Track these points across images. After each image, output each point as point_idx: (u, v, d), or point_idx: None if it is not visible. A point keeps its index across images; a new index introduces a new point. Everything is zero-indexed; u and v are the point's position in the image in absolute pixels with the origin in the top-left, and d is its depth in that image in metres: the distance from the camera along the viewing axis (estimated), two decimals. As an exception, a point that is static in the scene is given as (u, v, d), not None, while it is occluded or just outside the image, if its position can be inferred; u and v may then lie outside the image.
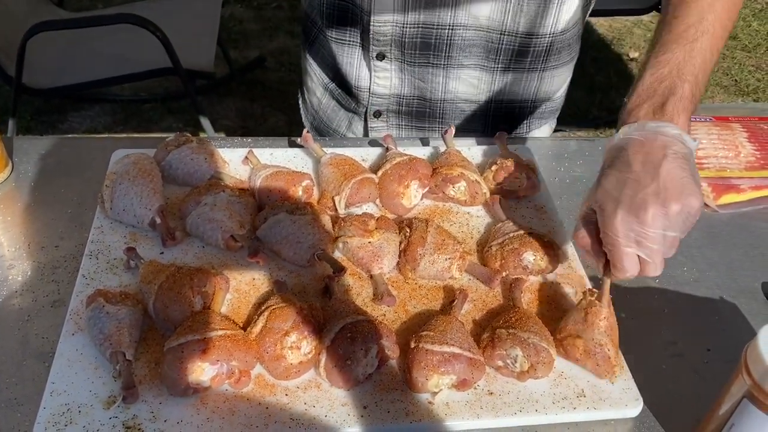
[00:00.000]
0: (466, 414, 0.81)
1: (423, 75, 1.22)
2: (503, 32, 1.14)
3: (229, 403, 0.79)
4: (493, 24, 1.13)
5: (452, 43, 1.16)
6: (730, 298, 1.01)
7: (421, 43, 1.17)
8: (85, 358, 0.82)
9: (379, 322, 0.85)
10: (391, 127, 1.31)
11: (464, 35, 1.15)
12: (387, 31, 1.16)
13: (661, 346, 0.94)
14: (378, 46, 1.19)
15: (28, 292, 0.92)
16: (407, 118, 1.30)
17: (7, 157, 1.10)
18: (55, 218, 1.03)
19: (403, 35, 1.16)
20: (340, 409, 0.80)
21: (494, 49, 1.17)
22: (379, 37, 1.17)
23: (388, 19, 1.14)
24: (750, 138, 1.22)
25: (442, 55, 1.18)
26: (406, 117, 1.30)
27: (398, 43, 1.18)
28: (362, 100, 1.29)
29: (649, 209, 0.77)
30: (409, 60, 1.20)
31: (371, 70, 1.23)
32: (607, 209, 0.80)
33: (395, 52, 1.20)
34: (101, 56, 2.57)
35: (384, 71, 1.23)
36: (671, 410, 0.85)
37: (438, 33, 1.15)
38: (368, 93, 1.27)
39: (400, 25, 1.15)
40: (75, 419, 0.76)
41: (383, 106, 1.28)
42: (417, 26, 1.15)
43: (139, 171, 0.99)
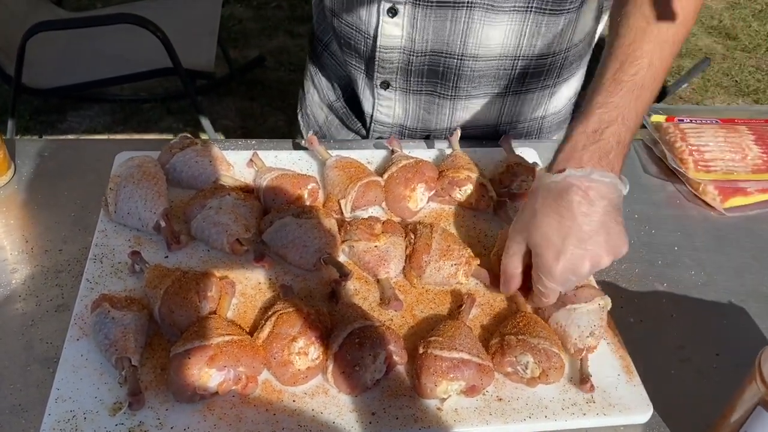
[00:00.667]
0: (475, 420, 0.80)
1: (429, 106, 1.18)
2: (517, 57, 1.10)
3: (236, 409, 0.79)
4: (507, 50, 1.09)
5: (461, 74, 1.12)
6: (738, 302, 1.00)
7: (429, 71, 1.12)
8: (90, 363, 0.81)
9: (387, 327, 0.84)
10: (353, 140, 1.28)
11: (473, 66, 1.10)
12: (393, 58, 1.11)
13: (670, 350, 0.93)
14: (383, 74, 1.14)
15: (32, 297, 0.91)
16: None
17: (10, 160, 1.09)
18: (58, 221, 1.02)
19: (409, 63, 1.12)
20: (348, 415, 0.79)
21: (506, 76, 1.13)
22: (385, 65, 1.13)
23: (395, 45, 1.10)
24: (757, 140, 1.22)
25: (450, 85, 1.14)
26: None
27: (404, 71, 1.13)
28: (365, 124, 1.26)
29: (587, 264, 0.83)
30: (415, 89, 1.16)
31: (375, 98, 1.19)
32: (548, 256, 0.84)
33: (400, 81, 1.15)
34: (101, 56, 2.56)
35: (388, 100, 1.19)
36: (680, 416, 0.85)
37: (446, 62, 1.10)
38: (371, 119, 1.23)
39: (407, 53, 1.10)
40: (80, 426, 0.75)
41: (386, 134, 1.24)
42: (425, 54, 1.10)
43: (143, 174, 0.98)
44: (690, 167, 1.17)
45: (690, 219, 1.13)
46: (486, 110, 1.19)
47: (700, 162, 1.18)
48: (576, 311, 0.87)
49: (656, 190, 1.18)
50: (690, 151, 1.19)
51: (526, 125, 1.25)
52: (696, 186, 1.16)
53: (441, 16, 1.05)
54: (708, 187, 1.15)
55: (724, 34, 4.07)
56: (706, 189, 1.15)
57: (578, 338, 0.86)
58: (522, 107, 1.21)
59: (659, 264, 1.05)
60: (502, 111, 1.20)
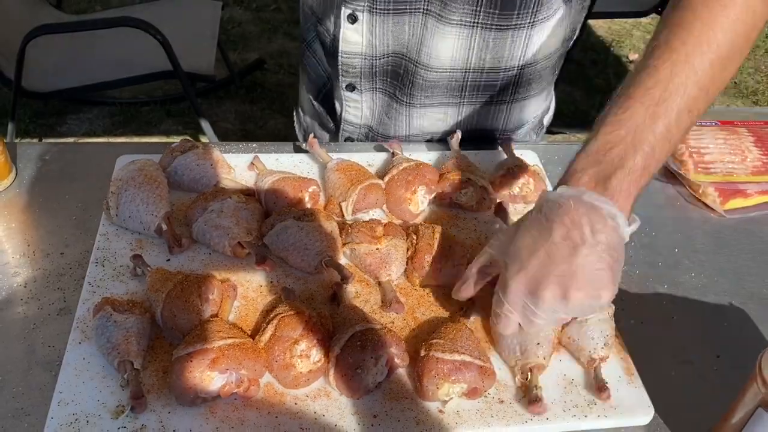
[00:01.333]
0: (477, 422, 0.80)
1: (388, 110, 1.19)
2: (467, 70, 1.10)
3: (239, 412, 0.79)
4: (456, 63, 1.09)
5: (415, 82, 1.12)
6: (738, 304, 1.00)
7: (391, 72, 1.13)
8: (92, 367, 0.81)
9: (389, 330, 0.84)
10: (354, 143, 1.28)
11: (426, 76, 1.10)
12: (355, 63, 1.12)
13: (670, 352, 0.93)
14: (347, 78, 1.15)
15: (34, 300, 0.91)
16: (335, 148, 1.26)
17: (11, 163, 1.09)
18: (59, 225, 1.02)
19: (372, 67, 1.12)
20: (349, 417, 0.79)
21: (458, 87, 1.13)
22: (348, 69, 1.13)
23: (356, 51, 1.10)
24: (756, 142, 1.22)
25: (406, 92, 1.14)
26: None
27: (367, 74, 1.14)
28: (337, 125, 1.27)
29: (547, 291, 0.73)
30: (380, 88, 1.16)
31: (343, 99, 1.20)
32: (511, 270, 0.76)
33: (365, 84, 1.16)
34: (101, 59, 2.56)
35: (355, 102, 1.20)
36: (681, 418, 0.85)
37: (406, 65, 1.11)
38: (341, 119, 1.24)
39: (368, 58, 1.11)
40: (83, 429, 0.75)
41: (354, 134, 1.25)
42: (387, 56, 1.11)
43: (144, 177, 0.98)
44: (690, 169, 1.17)
45: (690, 221, 1.14)
46: (441, 121, 1.19)
47: (700, 164, 1.18)
48: (587, 322, 0.87)
49: (656, 192, 1.19)
50: (690, 153, 1.19)
51: (488, 135, 1.24)
52: (696, 188, 1.16)
53: (399, 21, 1.05)
54: (708, 188, 1.15)
55: (722, 36, 4.07)
56: (706, 191, 1.15)
57: (593, 350, 0.86)
58: (478, 120, 1.20)
59: (660, 266, 1.05)
60: (458, 122, 1.20)
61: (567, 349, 0.88)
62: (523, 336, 0.85)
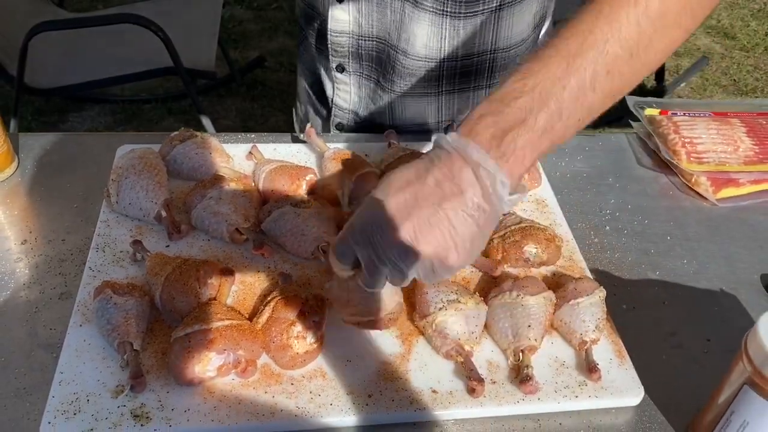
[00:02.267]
0: (470, 402, 0.81)
1: (374, 95, 1.20)
2: (442, 59, 1.11)
3: (236, 392, 0.80)
4: (430, 52, 1.10)
5: (395, 68, 1.13)
6: (729, 290, 1.02)
7: (376, 57, 1.14)
8: (92, 348, 0.83)
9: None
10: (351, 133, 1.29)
11: (404, 62, 1.12)
12: (344, 42, 1.14)
13: (662, 336, 0.95)
14: (336, 57, 1.16)
15: (36, 285, 0.93)
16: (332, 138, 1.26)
17: (13, 153, 1.11)
18: (61, 212, 1.03)
19: (359, 47, 1.14)
20: (344, 397, 0.81)
21: (434, 77, 1.14)
22: (337, 48, 1.15)
23: (344, 29, 1.12)
24: (748, 133, 1.24)
25: (388, 77, 1.15)
26: (363, 131, 1.28)
27: (355, 55, 1.15)
28: (329, 110, 1.28)
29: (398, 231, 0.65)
30: (366, 74, 1.18)
31: (333, 81, 1.21)
32: (374, 196, 0.68)
33: (354, 65, 1.17)
34: (102, 56, 2.58)
35: (344, 84, 1.21)
36: (671, 399, 0.86)
37: (387, 51, 1.12)
38: (332, 104, 1.25)
39: (356, 37, 1.12)
40: (83, 408, 0.77)
41: (344, 119, 1.27)
42: (372, 40, 1.12)
43: (144, 165, 1.00)
44: (683, 159, 1.19)
45: (683, 209, 1.15)
46: (422, 109, 1.20)
47: (692, 154, 1.19)
48: (579, 305, 0.88)
49: (650, 182, 1.20)
50: (683, 143, 1.20)
51: None
52: (689, 177, 1.18)
53: (381, 3, 1.07)
54: (700, 178, 1.16)
55: (722, 34, 4.08)
56: (698, 180, 1.17)
57: (584, 333, 0.87)
58: (458, 106, 1.21)
59: (652, 253, 1.06)
60: (439, 110, 1.20)
61: (559, 332, 0.90)
62: (514, 319, 0.86)
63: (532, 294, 0.88)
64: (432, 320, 0.86)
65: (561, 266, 1.00)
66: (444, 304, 0.86)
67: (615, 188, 1.18)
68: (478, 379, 0.81)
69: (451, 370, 0.85)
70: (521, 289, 0.89)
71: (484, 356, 0.87)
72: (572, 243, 1.03)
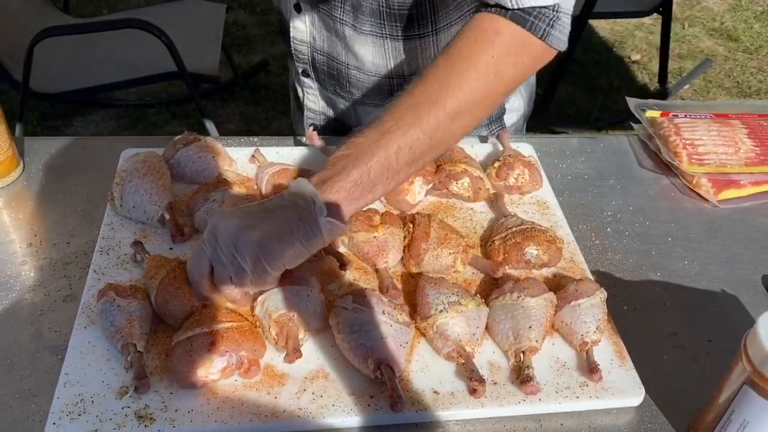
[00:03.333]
0: (471, 403, 0.82)
1: (335, 103, 1.23)
2: (391, 77, 1.13)
3: (239, 393, 0.81)
4: (379, 69, 1.12)
5: (350, 81, 1.16)
6: (731, 291, 1.02)
7: (328, 71, 1.17)
8: (97, 350, 0.84)
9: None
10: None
11: (357, 76, 1.14)
12: (304, 50, 1.17)
13: (663, 337, 0.95)
14: (300, 64, 1.20)
15: (41, 288, 0.94)
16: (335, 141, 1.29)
17: (18, 157, 1.12)
18: (65, 216, 1.04)
19: (314, 59, 1.17)
20: (346, 398, 0.81)
21: (388, 92, 1.15)
22: (299, 55, 1.18)
23: (303, 39, 1.15)
24: (749, 134, 1.24)
25: (345, 88, 1.18)
26: (335, 134, 1.29)
27: (312, 65, 1.19)
28: (302, 113, 1.30)
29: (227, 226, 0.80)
30: (325, 82, 1.20)
31: (302, 86, 1.25)
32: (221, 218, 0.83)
33: (314, 73, 1.20)
34: (107, 61, 2.59)
35: (310, 88, 1.24)
36: (673, 399, 0.87)
37: (338, 67, 1.15)
38: (305, 108, 1.28)
39: (312, 48, 1.16)
40: (88, 409, 0.78)
41: (317, 120, 1.29)
42: (323, 54, 1.15)
43: (148, 169, 1.01)
44: (684, 160, 1.19)
45: (684, 211, 1.15)
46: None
47: (693, 155, 1.20)
48: (580, 307, 0.89)
49: (651, 183, 1.21)
50: (684, 145, 1.21)
51: None
52: (690, 179, 1.18)
53: (327, 24, 1.10)
54: (701, 179, 1.17)
55: (725, 36, 4.08)
56: (699, 182, 1.17)
57: (585, 333, 0.88)
58: None
59: (653, 254, 1.07)
60: None
61: (560, 333, 0.90)
62: (515, 320, 0.87)
63: (533, 295, 0.89)
64: (433, 322, 0.86)
65: (562, 268, 1.00)
66: (445, 306, 0.87)
67: (616, 190, 1.18)
68: (479, 379, 0.82)
69: (453, 371, 0.85)
70: (522, 290, 0.89)
71: (486, 357, 0.87)
72: (573, 245, 1.04)
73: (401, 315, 0.87)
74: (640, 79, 3.63)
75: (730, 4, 4.40)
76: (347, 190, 0.83)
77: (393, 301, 0.89)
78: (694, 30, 4.12)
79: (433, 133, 0.86)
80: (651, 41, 3.90)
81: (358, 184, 0.84)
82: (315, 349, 0.87)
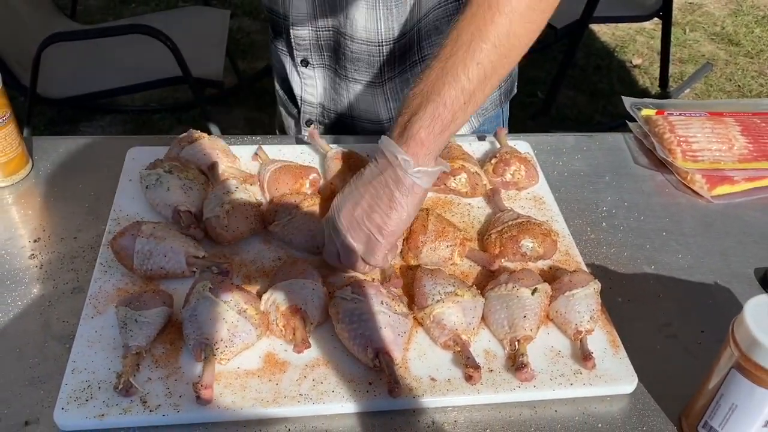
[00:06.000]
0: (467, 390, 0.84)
1: (334, 85, 1.24)
2: (380, 42, 1.15)
3: (241, 380, 0.83)
4: (370, 35, 1.13)
5: (345, 54, 1.17)
6: (724, 283, 1.04)
7: (333, 46, 1.18)
8: (103, 338, 0.86)
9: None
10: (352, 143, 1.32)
11: (352, 47, 1.16)
12: (305, 34, 1.18)
13: (656, 328, 0.97)
14: (300, 51, 1.21)
15: (49, 280, 0.96)
16: (331, 131, 1.32)
17: (28, 156, 1.15)
18: (73, 212, 1.07)
19: (318, 39, 1.18)
20: (346, 385, 0.83)
21: (376, 62, 1.17)
22: (300, 41, 1.19)
23: (304, 21, 1.16)
24: (743, 131, 1.26)
25: (341, 64, 1.19)
26: (330, 130, 1.32)
27: (316, 47, 1.20)
28: (297, 107, 1.32)
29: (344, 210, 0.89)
30: (328, 65, 1.22)
31: (300, 77, 1.26)
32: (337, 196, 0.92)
33: (316, 58, 1.21)
34: (113, 66, 2.63)
35: (310, 79, 1.25)
36: (665, 387, 0.89)
37: (338, 39, 1.16)
38: (300, 100, 1.29)
39: (314, 29, 1.17)
40: (95, 395, 0.80)
41: (313, 115, 1.31)
42: (327, 29, 1.16)
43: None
44: (678, 157, 1.21)
45: (678, 206, 1.18)
46: (373, 101, 1.24)
47: (688, 152, 1.22)
48: (574, 297, 0.91)
49: (646, 180, 1.23)
50: (678, 142, 1.23)
51: None
52: (684, 175, 1.20)
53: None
54: (696, 176, 1.19)
55: (726, 41, 4.11)
56: (693, 178, 1.19)
57: (579, 323, 0.90)
58: (402, 95, 1.23)
59: (648, 248, 1.09)
60: (387, 102, 1.24)
61: (554, 323, 0.93)
62: (510, 310, 0.89)
63: (528, 286, 0.91)
64: (430, 312, 0.88)
65: (558, 261, 1.02)
66: (442, 296, 0.89)
67: (611, 186, 1.20)
68: (474, 366, 0.84)
69: (449, 360, 0.87)
70: (517, 281, 0.91)
71: (482, 346, 0.89)
72: (569, 239, 1.06)
73: (399, 305, 0.89)
74: (642, 84, 3.66)
75: (731, 9, 4.43)
76: (428, 128, 0.84)
77: (391, 291, 0.91)
78: (695, 34, 4.14)
79: (498, 41, 0.85)
80: (652, 46, 3.92)
81: (436, 117, 0.84)
82: (315, 338, 0.89)
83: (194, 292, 0.86)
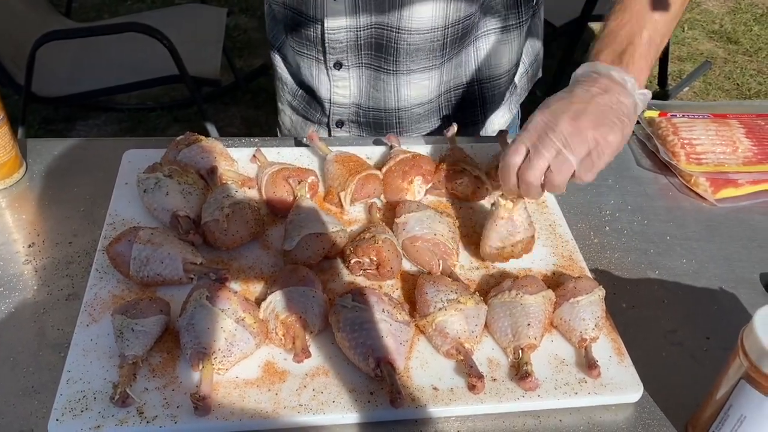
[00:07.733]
0: (470, 399, 0.83)
1: (376, 83, 1.22)
2: (447, 26, 1.14)
3: (239, 389, 0.82)
4: (437, 23, 1.13)
5: (399, 48, 1.15)
6: (729, 289, 1.03)
7: (375, 44, 1.17)
8: (99, 347, 0.84)
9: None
10: (353, 137, 1.31)
11: (409, 40, 1.14)
12: (341, 37, 1.16)
13: (661, 334, 0.95)
14: (334, 55, 1.19)
15: (44, 287, 0.94)
16: (367, 129, 1.30)
17: (22, 158, 1.13)
18: (68, 216, 1.05)
19: (357, 39, 1.16)
20: (347, 395, 0.82)
21: (438, 47, 1.16)
22: (335, 45, 1.17)
23: (341, 24, 1.14)
24: (747, 134, 1.25)
25: (392, 59, 1.18)
26: (366, 127, 1.30)
27: (354, 47, 1.18)
28: (325, 110, 1.30)
29: (561, 121, 0.86)
30: (366, 63, 1.20)
31: (330, 81, 1.24)
32: (536, 111, 0.90)
33: (351, 59, 1.20)
34: (109, 65, 2.61)
35: (343, 80, 1.23)
36: (671, 396, 0.87)
37: (388, 35, 1.14)
38: (330, 103, 1.28)
39: (354, 30, 1.15)
40: (90, 405, 0.78)
41: (344, 115, 1.29)
42: (370, 27, 1.14)
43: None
44: (682, 160, 1.20)
45: (682, 210, 1.16)
46: (428, 83, 1.23)
47: (691, 155, 1.20)
48: (579, 304, 0.90)
49: (649, 183, 1.21)
50: (682, 144, 1.22)
51: (464, 91, 1.27)
52: (688, 178, 1.19)
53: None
54: (699, 179, 1.17)
55: (725, 39, 4.09)
56: (697, 181, 1.18)
57: (583, 330, 0.88)
58: (456, 70, 1.23)
59: (651, 253, 1.07)
60: (440, 83, 1.23)
61: (559, 331, 0.91)
62: (513, 318, 0.88)
63: (531, 293, 0.89)
64: (432, 320, 0.87)
65: (561, 266, 1.01)
66: (444, 304, 0.87)
67: (615, 189, 1.19)
68: (477, 375, 0.82)
69: (452, 368, 0.86)
70: (520, 288, 0.90)
71: (485, 354, 0.88)
72: (572, 243, 1.05)
73: (401, 313, 0.87)
74: (640, 82, 3.64)
75: (730, 7, 4.41)
76: (644, 55, 0.90)
77: (393, 299, 0.89)
78: (693, 32, 4.13)
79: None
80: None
81: (650, 43, 0.90)
82: (315, 346, 0.87)
83: (191, 301, 0.85)
